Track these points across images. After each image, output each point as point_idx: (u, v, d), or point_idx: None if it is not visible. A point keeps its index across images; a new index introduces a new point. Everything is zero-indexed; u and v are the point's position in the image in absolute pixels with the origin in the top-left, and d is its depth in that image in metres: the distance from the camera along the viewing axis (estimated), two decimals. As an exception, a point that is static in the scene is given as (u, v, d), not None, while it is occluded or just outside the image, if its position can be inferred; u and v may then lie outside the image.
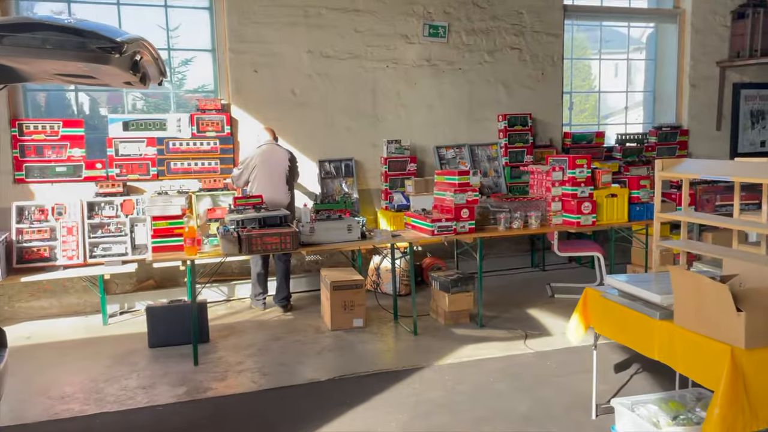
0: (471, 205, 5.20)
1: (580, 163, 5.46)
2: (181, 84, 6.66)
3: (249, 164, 5.76)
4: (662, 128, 8.11)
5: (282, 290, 5.86)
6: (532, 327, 5.27)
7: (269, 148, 5.82)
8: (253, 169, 5.72)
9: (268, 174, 5.71)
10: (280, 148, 5.91)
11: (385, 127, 6.90)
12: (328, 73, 6.62)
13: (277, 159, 5.78)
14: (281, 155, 5.82)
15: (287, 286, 5.89)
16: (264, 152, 5.79)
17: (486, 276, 6.93)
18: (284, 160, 5.79)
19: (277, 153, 5.82)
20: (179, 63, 6.64)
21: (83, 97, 6.42)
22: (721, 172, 3.06)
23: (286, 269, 5.86)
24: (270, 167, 5.72)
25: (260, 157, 5.74)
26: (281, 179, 5.75)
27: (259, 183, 5.68)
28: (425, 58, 6.99)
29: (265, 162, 5.73)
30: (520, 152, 7.33)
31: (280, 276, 5.85)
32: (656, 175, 3.49)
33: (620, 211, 5.63)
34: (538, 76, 7.47)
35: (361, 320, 5.30)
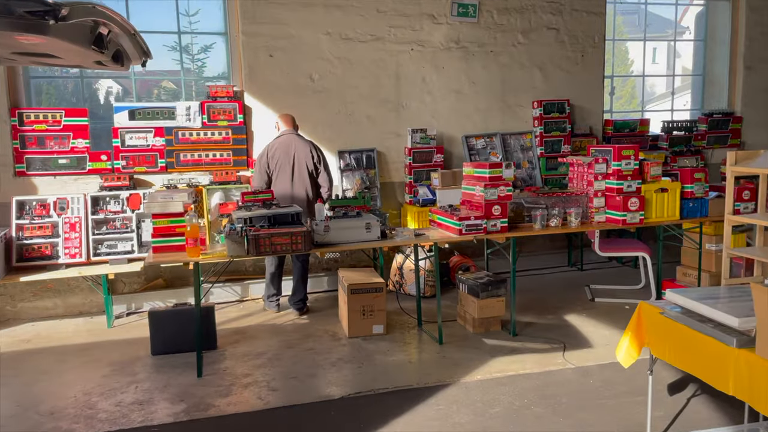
0: (503, 202, 4.68)
1: (627, 154, 4.88)
2: (201, 72, 6.27)
3: (269, 159, 5.26)
4: (713, 115, 7.43)
5: (299, 292, 5.44)
6: (570, 336, 4.75)
7: (289, 139, 5.32)
8: (276, 163, 5.24)
9: (293, 168, 5.25)
10: (302, 138, 5.40)
11: (409, 115, 6.40)
12: (348, 57, 6.14)
13: (301, 150, 5.28)
14: (304, 146, 5.31)
15: (304, 288, 5.46)
16: (285, 143, 5.29)
17: (519, 276, 6.43)
18: (307, 152, 5.29)
19: (299, 144, 5.31)
20: (199, 50, 6.25)
21: (89, 85, 6.08)
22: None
23: (303, 270, 5.44)
24: (294, 160, 5.25)
25: (282, 149, 5.26)
26: (305, 174, 5.27)
27: (282, 180, 5.24)
28: (453, 40, 6.45)
29: (288, 154, 5.25)
30: (556, 142, 6.76)
31: (297, 277, 5.43)
32: (728, 170, 2.93)
33: (671, 207, 5.04)
34: (577, 59, 6.87)
35: (382, 327, 4.85)
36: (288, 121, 5.44)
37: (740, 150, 7.47)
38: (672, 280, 5.57)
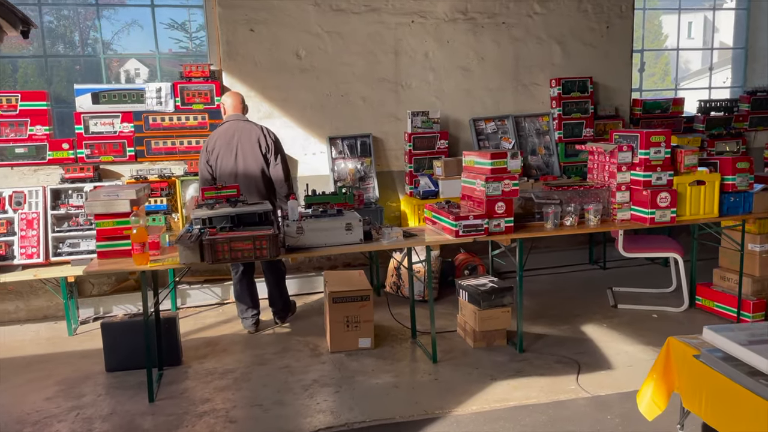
0: (508, 198, 4.00)
1: (656, 140, 4.15)
2: (199, 51, 5.67)
3: (208, 153, 4.44)
4: (756, 93, 6.58)
5: (276, 300, 4.76)
6: (586, 353, 4.09)
7: (231, 127, 4.42)
8: (217, 158, 4.41)
9: (236, 163, 4.40)
10: (250, 123, 4.49)
11: (410, 97, 5.72)
12: (339, 31, 5.47)
13: (246, 140, 4.40)
14: (250, 134, 4.41)
15: (282, 294, 4.76)
16: (226, 132, 4.42)
17: (532, 276, 5.79)
18: (254, 141, 4.39)
19: (244, 131, 4.41)
20: (197, 27, 5.64)
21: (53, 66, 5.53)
22: None
23: (277, 277, 4.73)
24: (238, 153, 4.40)
25: (222, 140, 4.41)
26: (253, 168, 4.42)
27: (224, 178, 4.40)
28: (460, 11, 5.72)
29: (230, 146, 4.39)
30: (577, 125, 6.02)
31: (271, 284, 4.73)
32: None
33: (709, 202, 4.30)
34: (602, 31, 6.07)
35: (369, 340, 4.25)
36: (234, 103, 4.52)
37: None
38: (708, 285, 4.84)
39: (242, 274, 4.60)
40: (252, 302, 4.64)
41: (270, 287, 4.72)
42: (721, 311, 4.65)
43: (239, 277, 4.60)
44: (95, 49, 5.38)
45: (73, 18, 5.95)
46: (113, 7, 5.44)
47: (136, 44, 5.48)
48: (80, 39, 5.69)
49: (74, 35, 5.99)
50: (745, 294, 4.57)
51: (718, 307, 4.69)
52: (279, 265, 4.74)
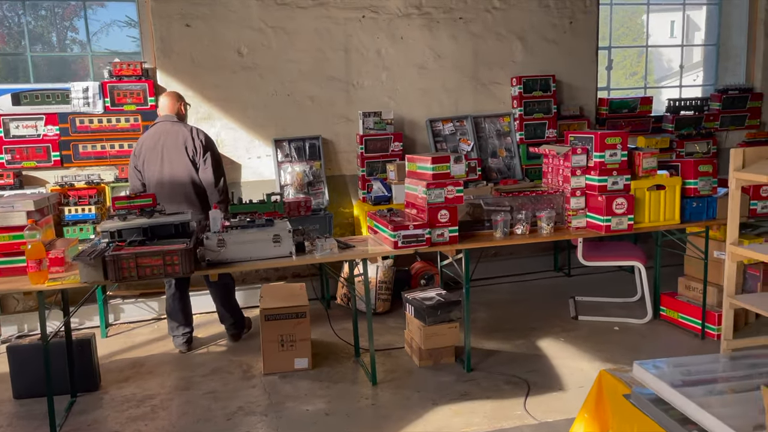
0: (452, 205, 3.70)
1: (612, 142, 3.86)
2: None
3: (136, 158, 4.10)
4: (728, 91, 6.34)
5: (226, 317, 4.42)
6: (539, 372, 3.80)
7: (159, 129, 4.10)
8: (143, 162, 4.08)
9: (162, 167, 4.06)
10: (179, 125, 4.14)
11: (362, 96, 5.41)
12: (284, 27, 5.14)
13: (172, 143, 4.04)
14: (177, 136, 4.06)
15: (231, 310, 4.42)
16: (154, 135, 4.09)
17: (493, 284, 5.50)
18: (180, 145, 4.05)
19: (171, 133, 4.07)
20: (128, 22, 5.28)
21: None
22: None
23: (223, 291, 4.39)
24: (163, 157, 4.06)
25: (149, 144, 4.07)
26: (181, 174, 4.07)
27: (151, 184, 4.08)
28: (414, 5, 5.41)
29: (155, 150, 4.05)
30: (539, 125, 5.73)
31: (216, 300, 4.40)
32: (731, 177, 1.93)
33: (669, 208, 4.02)
34: (566, 27, 5.79)
35: (306, 360, 3.92)
36: (165, 103, 4.17)
37: (759, 132, 6.38)
38: (672, 294, 4.57)
39: (175, 288, 4.26)
40: (184, 319, 4.30)
41: (216, 303, 4.39)
42: (686, 323, 4.38)
43: (172, 292, 4.26)
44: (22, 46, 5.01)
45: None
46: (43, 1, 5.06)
47: (107, 43, 5.11)
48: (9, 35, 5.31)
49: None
50: (710, 305, 4.30)
51: (682, 318, 4.41)
52: (225, 278, 4.40)
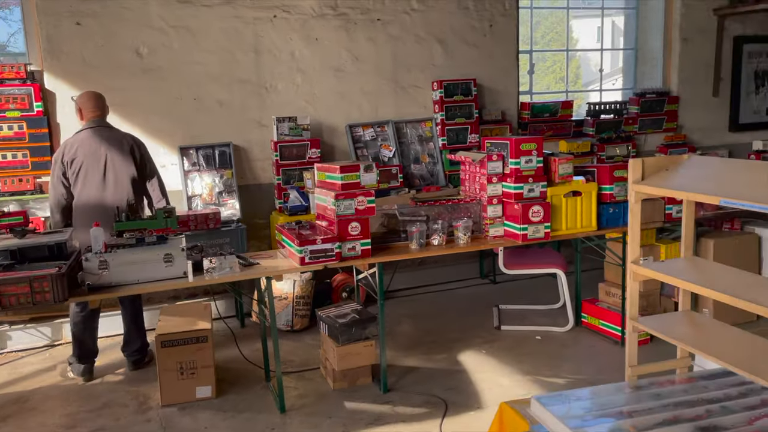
0: (363, 217, 3.48)
1: (527, 148, 3.74)
2: None
3: (65, 165, 3.73)
4: (645, 95, 6.42)
5: (132, 340, 4.06)
6: (458, 389, 3.63)
7: (95, 135, 3.79)
8: (79, 169, 3.73)
9: (105, 175, 3.76)
10: (115, 130, 3.92)
11: (277, 100, 5.12)
12: (188, 27, 4.80)
13: (116, 150, 3.78)
14: (120, 143, 3.82)
15: (140, 332, 4.08)
16: (91, 140, 3.77)
17: (417, 295, 5.33)
18: (126, 152, 3.81)
19: (112, 139, 3.80)
20: None
21: None
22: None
23: (134, 310, 4.04)
24: (107, 164, 3.76)
25: (86, 149, 3.74)
26: (126, 182, 3.81)
27: (89, 192, 3.74)
28: (329, 5, 5.17)
29: (97, 156, 3.74)
30: (461, 130, 5.61)
31: (128, 320, 4.04)
32: (630, 190, 1.79)
33: (586, 215, 3.95)
34: (485, 30, 5.70)
35: (209, 389, 3.60)
36: (93, 104, 3.86)
37: (676, 135, 6.50)
38: (593, 300, 4.52)
39: (83, 307, 3.82)
40: (92, 343, 3.94)
41: (126, 324, 4.02)
42: (607, 330, 4.32)
43: (79, 311, 3.82)
44: None
45: None
46: None
47: None
48: None
49: None
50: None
51: (603, 325, 4.35)
52: (135, 303, 4.04)
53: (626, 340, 1.88)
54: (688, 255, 1.82)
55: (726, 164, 1.65)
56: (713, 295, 1.49)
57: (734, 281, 1.56)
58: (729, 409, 1.53)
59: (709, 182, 1.52)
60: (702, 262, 1.79)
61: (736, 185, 1.45)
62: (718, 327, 1.71)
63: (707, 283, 1.52)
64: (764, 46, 6.76)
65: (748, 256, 4.35)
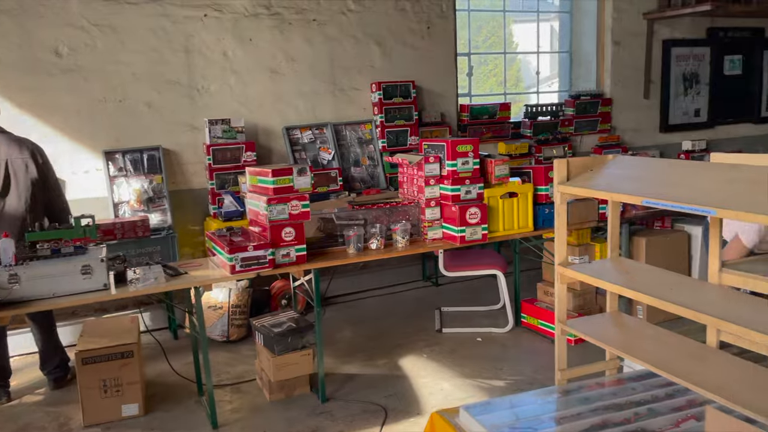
0: (298, 222, 3.37)
1: (463, 150, 3.72)
2: None
3: None
4: (580, 97, 6.55)
5: (50, 358, 3.80)
6: (398, 395, 3.56)
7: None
8: None
9: (5, 183, 3.50)
10: (12, 136, 3.62)
11: (209, 102, 4.94)
12: (112, 25, 4.56)
13: (17, 157, 3.53)
14: (20, 150, 3.56)
15: (56, 348, 3.83)
16: None
17: (360, 299, 5.26)
18: (27, 158, 3.55)
19: (12, 146, 3.55)
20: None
21: None
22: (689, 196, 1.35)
23: (47, 326, 3.79)
24: (9, 172, 3.50)
25: None
26: (25, 192, 3.53)
27: None
28: (262, 5, 5.03)
29: None
30: (401, 132, 5.56)
31: (42, 337, 3.77)
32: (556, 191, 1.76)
33: (523, 216, 3.96)
34: (423, 32, 5.68)
35: (136, 406, 3.41)
36: None
37: (610, 136, 6.66)
38: (532, 301, 4.55)
39: None
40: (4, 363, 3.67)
41: (40, 340, 3.74)
42: (545, 329, 4.35)
43: None
44: None
45: None
46: None
47: None
48: None
49: None
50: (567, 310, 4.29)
51: (542, 324, 4.39)
52: (47, 318, 3.78)
53: (555, 343, 1.85)
54: (614, 255, 1.80)
55: (649, 164, 1.64)
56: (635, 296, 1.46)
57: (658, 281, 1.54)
58: (656, 412, 1.51)
59: (632, 182, 1.50)
60: (627, 262, 1.78)
61: (658, 185, 1.43)
62: (644, 328, 1.70)
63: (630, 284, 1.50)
64: (691, 49, 7.02)
65: (678, 253, 4.47)
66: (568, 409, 1.58)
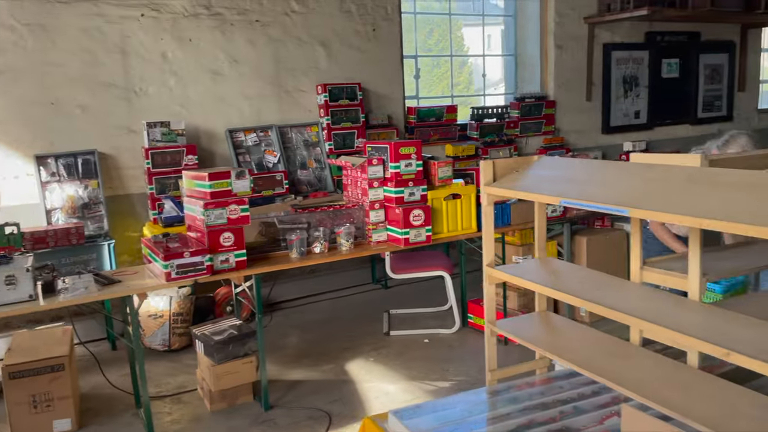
0: (237, 226, 3.30)
1: (406, 152, 3.72)
2: None
3: None
4: (525, 100, 6.66)
5: None
6: (343, 400, 3.53)
7: None
8: None
9: None
10: None
11: (148, 105, 4.80)
12: (43, 25, 4.37)
13: None
14: None
15: None
16: None
17: (309, 304, 5.20)
18: None
19: None
20: None
21: None
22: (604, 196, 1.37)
23: None
24: None
25: None
26: None
27: None
28: (202, 5, 4.92)
29: None
30: (348, 135, 5.53)
31: None
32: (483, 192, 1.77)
33: (466, 217, 3.99)
34: (369, 34, 5.66)
35: (68, 421, 3.26)
36: None
37: (555, 137, 6.80)
38: (478, 301, 4.58)
39: None
40: None
41: None
42: (492, 329, 4.38)
43: None
44: None
45: None
46: None
47: None
48: None
49: None
50: (511, 309, 4.36)
51: (488, 325, 4.42)
52: None
53: (486, 344, 1.85)
54: (541, 255, 1.82)
55: (572, 165, 1.66)
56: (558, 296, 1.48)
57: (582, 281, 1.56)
58: (581, 409, 1.53)
59: (553, 183, 1.51)
60: (555, 263, 1.80)
61: (578, 185, 1.44)
62: (572, 327, 1.72)
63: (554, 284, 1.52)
64: (631, 53, 7.23)
65: (617, 251, 4.58)
66: (497, 410, 1.58)
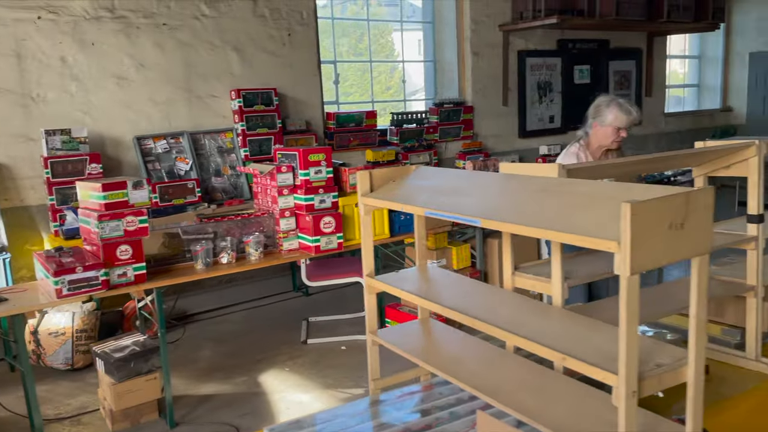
0: (135, 238, 3.17)
1: (315, 159, 3.69)
2: None
3: None
4: (444, 105, 6.77)
5: None
6: (254, 413, 3.45)
7: None
8: None
9: None
10: None
11: (46, 112, 4.55)
12: (-77, 25, 4.08)
13: None
14: None
15: None
16: None
17: (225, 315, 5.06)
18: None
19: None
20: None
21: None
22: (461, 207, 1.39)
23: None
24: None
25: None
26: None
27: None
28: (105, 7, 4.72)
29: None
30: (265, 141, 5.44)
31: None
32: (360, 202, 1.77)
33: (379, 223, 4.00)
34: (284, 39, 5.60)
35: (-50, 452, 3.04)
36: None
37: (473, 142, 6.94)
38: (396, 305, 4.60)
39: None
40: None
41: None
42: (408, 334, 4.41)
43: None
44: None
45: None
46: None
47: None
48: None
49: None
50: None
51: (405, 329, 4.44)
52: None
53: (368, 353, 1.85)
54: (422, 264, 1.84)
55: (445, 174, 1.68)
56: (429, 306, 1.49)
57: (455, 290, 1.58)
58: (456, 415, 1.55)
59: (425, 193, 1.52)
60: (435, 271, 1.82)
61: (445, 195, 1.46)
62: (450, 333, 1.74)
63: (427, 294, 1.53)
64: (544, 59, 7.49)
65: (529, 253, 4.71)
66: (376, 419, 1.58)
